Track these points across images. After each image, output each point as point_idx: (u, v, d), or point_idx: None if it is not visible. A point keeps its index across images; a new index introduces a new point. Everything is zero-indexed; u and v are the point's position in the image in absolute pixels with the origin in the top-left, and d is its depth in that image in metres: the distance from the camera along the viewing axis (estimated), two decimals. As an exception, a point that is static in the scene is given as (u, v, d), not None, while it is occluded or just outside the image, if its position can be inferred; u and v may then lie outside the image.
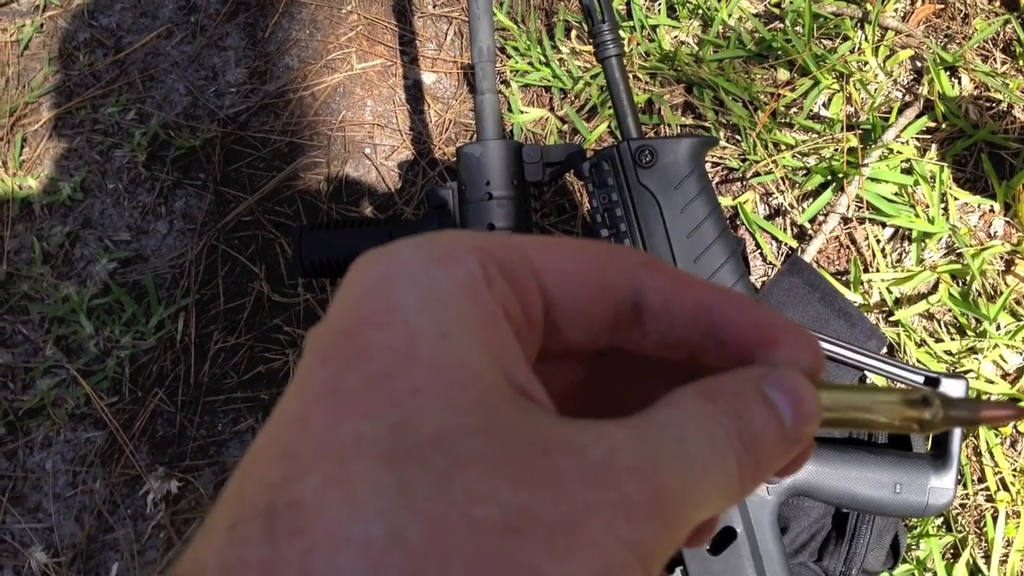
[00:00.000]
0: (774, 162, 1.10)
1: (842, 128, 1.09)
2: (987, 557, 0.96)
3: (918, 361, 1.01)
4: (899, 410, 0.25)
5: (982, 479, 0.99)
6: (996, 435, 1.00)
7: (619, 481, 0.19)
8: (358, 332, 0.20)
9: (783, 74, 1.14)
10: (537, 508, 0.18)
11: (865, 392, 0.25)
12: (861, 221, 1.07)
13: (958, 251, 1.04)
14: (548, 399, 0.22)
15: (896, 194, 1.07)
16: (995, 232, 1.07)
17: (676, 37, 1.19)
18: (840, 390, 0.25)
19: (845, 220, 1.08)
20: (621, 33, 1.16)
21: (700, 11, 1.19)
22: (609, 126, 1.15)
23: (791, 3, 1.16)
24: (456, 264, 0.21)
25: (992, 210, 1.07)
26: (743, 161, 1.12)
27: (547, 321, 0.24)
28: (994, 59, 1.12)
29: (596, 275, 0.24)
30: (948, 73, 1.11)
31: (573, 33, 1.21)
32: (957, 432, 0.76)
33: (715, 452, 0.21)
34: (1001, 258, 1.05)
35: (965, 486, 0.99)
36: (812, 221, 1.09)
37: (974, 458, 1.00)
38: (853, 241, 1.08)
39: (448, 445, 0.18)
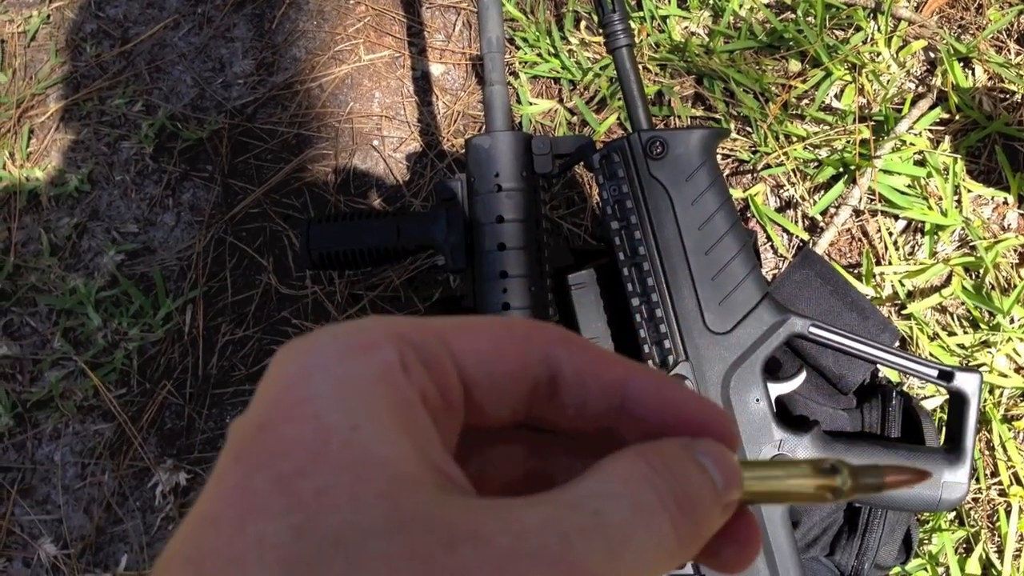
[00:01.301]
0: (785, 154, 1.09)
1: (854, 120, 1.08)
2: (1000, 552, 0.95)
3: (931, 354, 1.01)
4: (811, 481, 0.25)
5: (995, 473, 0.98)
6: (1009, 429, 0.99)
7: (526, 569, 0.19)
8: (271, 427, 0.21)
9: (795, 65, 1.13)
10: None
11: (779, 467, 0.26)
12: (873, 213, 1.06)
13: (971, 244, 1.03)
14: (466, 481, 0.22)
15: (909, 186, 1.07)
16: (1009, 225, 1.06)
17: (686, 28, 1.18)
18: (757, 467, 0.26)
19: (857, 212, 1.07)
20: (631, 24, 1.15)
21: (711, 1, 1.18)
22: (619, 118, 1.15)
23: (803, -7, 1.15)
24: (373, 353, 0.22)
25: (1006, 202, 1.06)
26: (754, 153, 1.11)
27: (468, 401, 0.24)
28: (1008, 50, 1.11)
29: (513, 354, 0.24)
30: (962, 64, 1.10)
31: (582, 24, 1.20)
32: (971, 426, 0.76)
33: (641, 516, 0.21)
34: (1015, 251, 1.04)
35: (978, 480, 0.98)
36: (824, 213, 1.08)
37: (987, 452, 0.99)
38: (865, 234, 1.07)
39: (349, 547, 0.18)
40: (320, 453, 0.20)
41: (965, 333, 1.02)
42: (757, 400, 0.74)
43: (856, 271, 1.05)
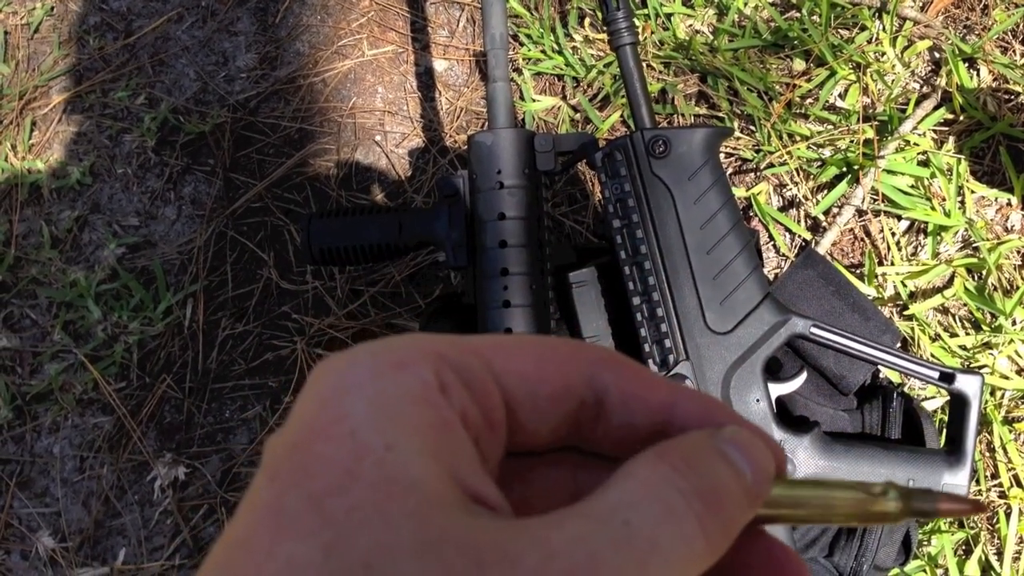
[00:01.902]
0: (788, 153, 1.08)
1: (858, 119, 1.08)
2: (1000, 554, 0.95)
3: (932, 356, 1.00)
4: (858, 500, 0.24)
5: (995, 475, 0.98)
6: (1010, 431, 0.98)
7: None
8: (306, 446, 0.21)
9: (799, 64, 1.13)
10: None
11: (824, 487, 0.25)
12: (876, 214, 1.06)
13: (974, 245, 1.03)
14: (503, 502, 0.22)
15: (912, 187, 1.06)
16: (1012, 226, 1.05)
17: (691, 26, 1.18)
18: (801, 485, 0.25)
19: (860, 212, 1.07)
20: (635, 21, 1.15)
21: (715, -1, 1.18)
22: (622, 115, 1.14)
23: (808, -8, 1.15)
24: (409, 372, 0.22)
25: (1009, 204, 1.06)
26: (757, 152, 1.10)
27: (511, 421, 0.24)
28: (1013, 51, 1.11)
29: (557, 375, 0.24)
30: (966, 64, 1.10)
31: (587, 21, 1.20)
32: (972, 428, 0.75)
33: (669, 521, 0.21)
34: (1018, 252, 1.04)
35: (978, 482, 0.98)
36: (826, 213, 1.08)
37: (988, 454, 0.99)
38: (868, 234, 1.07)
39: (378, 567, 0.18)
40: (353, 472, 0.20)
41: (967, 334, 1.02)
42: (757, 400, 0.74)
43: (858, 271, 1.05)
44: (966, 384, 0.75)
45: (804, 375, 0.77)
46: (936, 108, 1.08)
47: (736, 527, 0.23)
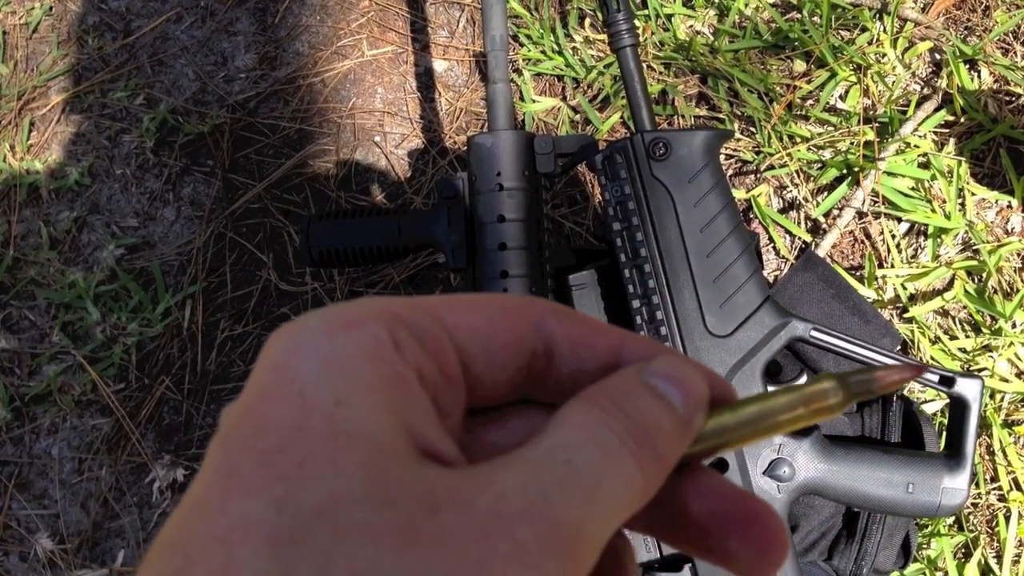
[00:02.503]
0: (789, 155, 1.08)
1: (859, 121, 1.07)
2: (999, 557, 0.95)
3: (932, 358, 1.00)
4: (799, 401, 0.25)
5: (995, 478, 0.98)
6: (1010, 434, 0.98)
7: (510, 528, 0.19)
8: (256, 408, 0.21)
9: (800, 65, 1.13)
10: (424, 573, 0.18)
11: (762, 398, 0.25)
12: (876, 216, 1.06)
13: (974, 247, 1.03)
14: (458, 455, 0.22)
15: (912, 189, 1.06)
16: (1012, 228, 1.05)
17: (691, 27, 1.17)
18: (741, 405, 0.25)
19: (860, 214, 1.07)
20: (636, 23, 1.15)
21: (716, 0, 1.17)
22: (622, 116, 1.14)
23: (808, -7, 1.15)
24: (361, 330, 0.22)
25: (1010, 206, 1.06)
26: (757, 154, 1.10)
27: (467, 376, 0.24)
28: (1015, 52, 1.10)
29: (507, 328, 0.25)
30: (967, 66, 1.09)
31: (587, 21, 1.19)
32: (971, 431, 0.75)
33: (608, 459, 0.22)
34: (1018, 255, 1.03)
35: (978, 485, 0.98)
36: (827, 215, 1.08)
37: (987, 457, 0.99)
38: (868, 236, 1.06)
39: (331, 517, 0.18)
40: (302, 428, 0.20)
41: (967, 337, 1.01)
42: (757, 404, 0.74)
43: (858, 273, 1.05)
44: (966, 388, 0.75)
45: (804, 378, 0.77)
46: (937, 110, 1.08)
47: (672, 458, 0.23)
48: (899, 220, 1.06)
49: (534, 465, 0.21)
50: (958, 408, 0.76)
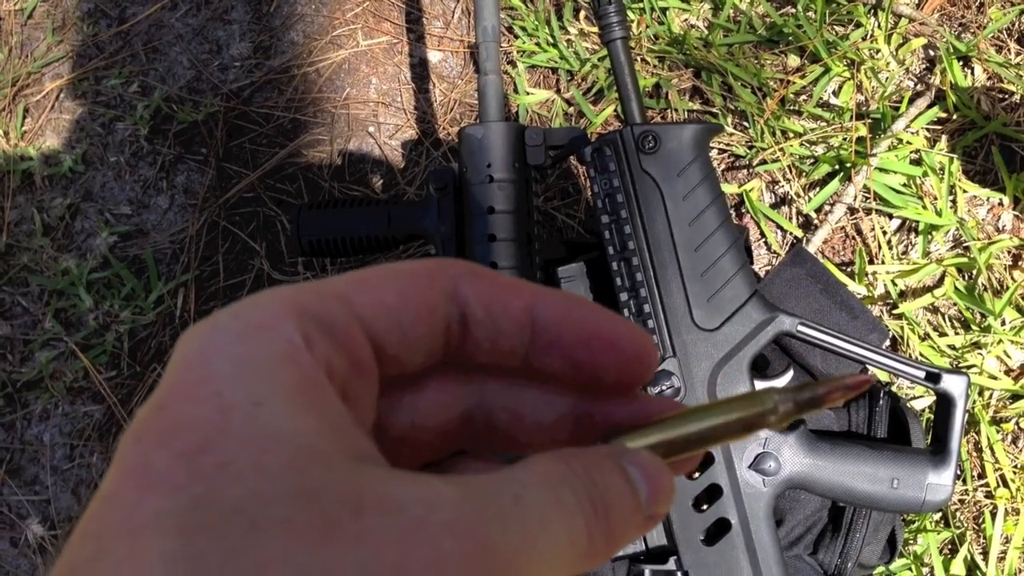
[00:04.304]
0: (781, 150, 1.08)
1: (851, 117, 1.07)
2: (985, 554, 0.95)
3: (921, 355, 1.00)
4: (739, 415, 0.25)
5: (982, 475, 0.98)
6: (998, 431, 0.99)
7: (435, 537, 0.19)
8: (172, 406, 0.20)
9: (793, 60, 1.13)
10: (339, 568, 0.18)
11: (704, 410, 0.25)
12: (868, 212, 1.06)
13: (965, 244, 1.03)
14: (379, 456, 0.22)
15: (904, 185, 1.06)
16: (1003, 226, 1.05)
17: (686, 20, 1.17)
18: (688, 420, 0.25)
19: (852, 210, 1.07)
20: (629, 15, 1.15)
21: (711, -6, 1.17)
22: (616, 110, 1.14)
23: (803, -12, 1.15)
24: (273, 332, 0.21)
25: (1001, 203, 1.06)
26: (750, 148, 1.10)
27: (383, 357, 0.24)
28: (1008, 50, 1.10)
29: (417, 298, 0.24)
30: (961, 63, 1.09)
31: (582, 14, 1.19)
32: (957, 428, 0.75)
33: (560, 510, 0.21)
34: (1008, 252, 1.04)
35: (965, 482, 0.98)
36: (818, 211, 1.08)
37: (975, 454, 0.99)
38: (859, 232, 1.07)
39: (249, 513, 0.18)
40: (222, 429, 0.19)
41: (956, 334, 1.02)
42: (743, 398, 0.74)
43: (849, 269, 1.05)
44: (952, 384, 0.75)
45: (791, 373, 0.77)
46: (930, 106, 1.08)
47: (621, 540, 0.23)
48: (890, 216, 1.06)
49: (480, 489, 0.21)
50: (944, 404, 0.76)
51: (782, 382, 0.77)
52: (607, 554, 0.23)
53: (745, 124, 1.11)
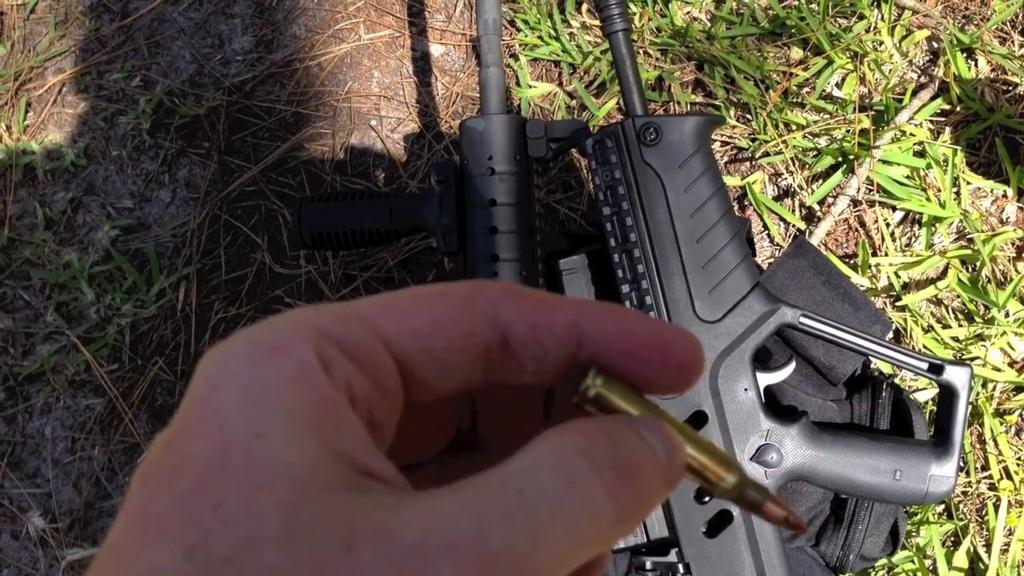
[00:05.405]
0: (784, 142, 1.08)
1: (855, 109, 1.07)
2: (988, 546, 0.95)
3: (924, 347, 1.00)
4: (711, 458, 0.25)
5: (985, 467, 0.98)
6: (1001, 423, 0.98)
7: (432, 566, 0.18)
8: (176, 445, 0.20)
9: (796, 53, 1.12)
10: None
11: (686, 429, 0.25)
12: (871, 204, 1.06)
13: (969, 236, 1.03)
14: (397, 475, 0.21)
15: (908, 177, 1.06)
16: (1007, 218, 1.05)
17: (688, 13, 1.17)
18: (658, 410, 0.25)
19: (855, 202, 1.06)
20: (631, 7, 1.14)
21: (713, -14, 1.17)
22: (618, 103, 1.14)
23: (806, -20, 1.14)
24: (287, 354, 0.21)
25: (1005, 195, 1.06)
26: (753, 141, 1.10)
27: (412, 381, 0.23)
28: (1012, 41, 1.10)
29: (452, 324, 0.23)
30: (965, 55, 1.09)
31: (584, 7, 1.19)
32: (960, 419, 0.75)
33: (574, 490, 0.20)
34: (1012, 244, 1.03)
35: (968, 474, 0.98)
36: (821, 203, 1.07)
37: (978, 446, 0.99)
38: (862, 224, 1.06)
39: (240, 561, 0.18)
40: (220, 466, 0.19)
41: (960, 326, 1.01)
42: (745, 389, 0.74)
43: (852, 261, 1.05)
44: (955, 375, 0.75)
45: (793, 365, 0.77)
46: (933, 98, 1.07)
47: (650, 504, 0.22)
48: (894, 208, 1.06)
49: (481, 493, 0.20)
50: (947, 396, 0.76)
51: (784, 374, 0.77)
52: (637, 518, 0.22)
53: (748, 116, 1.11)
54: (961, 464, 0.76)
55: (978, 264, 1.01)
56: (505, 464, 0.21)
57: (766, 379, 0.76)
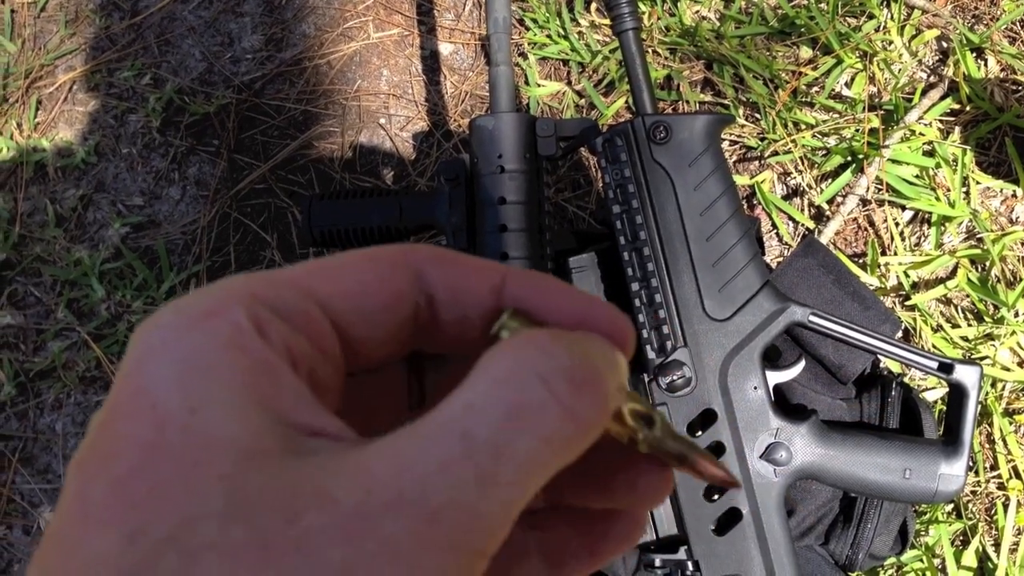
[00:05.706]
0: (793, 141, 1.08)
1: (864, 108, 1.07)
2: (997, 545, 0.95)
3: (934, 346, 1.00)
4: (623, 426, 0.24)
5: (995, 467, 0.98)
6: (1011, 423, 0.98)
7: (377, 526, 0.17)
8: (109, 426, 0.19)
9: (806, 52, 1.12)
10: None
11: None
12: (880, 203, 1.06)
13: (978, 236, 1.03)
14: (345, 429, 0.20)
15: (917, 176, 1.06)
16: (1017, 217, 1.05)
17: (697, 12, 1.17)
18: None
19: (864, 202, 1.06)
20: (641, 6, 1.14)
21: (723, -15, 1.17)
22: (627, 101, 1.14)
23: (816, -21, 1.14)
24: (219, 319, 0.20)
25: (1015, 195, 1.05)
26: (762, 140, 1.10)
27: (347, 343, 0.23)
28: (1022, 41, 1.10)
29: (382, 285, 0.23)
30: (974, 54, 1.09)
31: (593, 5, 1.19)
32: (970, 418, 0.75)
33: (521, 417, 0.19)
34: (1022, 244, 1.03)
35: (977, 473, 0.98)
36: (830, 202, 1.07)
37: (987, 445, 0.99)
38: (871, 223, 1.06)
39: (181, 541, 0.17)
40: (155, 446, 0.18)
41: (969, 326, 1.01)
42: (755, 388, 0.74)
43: (861, 261, 1.05)
44: (964, 374, 0.75)
45: (802, 363, 0.77)
46: (943, 98, 1.07)
47: (608, 407, 0.21)
48: (903, 208, 1.06)
49: (422, 442, 0.19)
50: (956, 395, 0.76)
51: (793, 373, 0.77)
52: (600, 426, 0.21)
53: (757, 116, 1.11)
54: (970, 463, 0.76)
55: (987, 264, 1.01)
56: (451, 399, 0.20)
57: (776, 377, 0.76)
